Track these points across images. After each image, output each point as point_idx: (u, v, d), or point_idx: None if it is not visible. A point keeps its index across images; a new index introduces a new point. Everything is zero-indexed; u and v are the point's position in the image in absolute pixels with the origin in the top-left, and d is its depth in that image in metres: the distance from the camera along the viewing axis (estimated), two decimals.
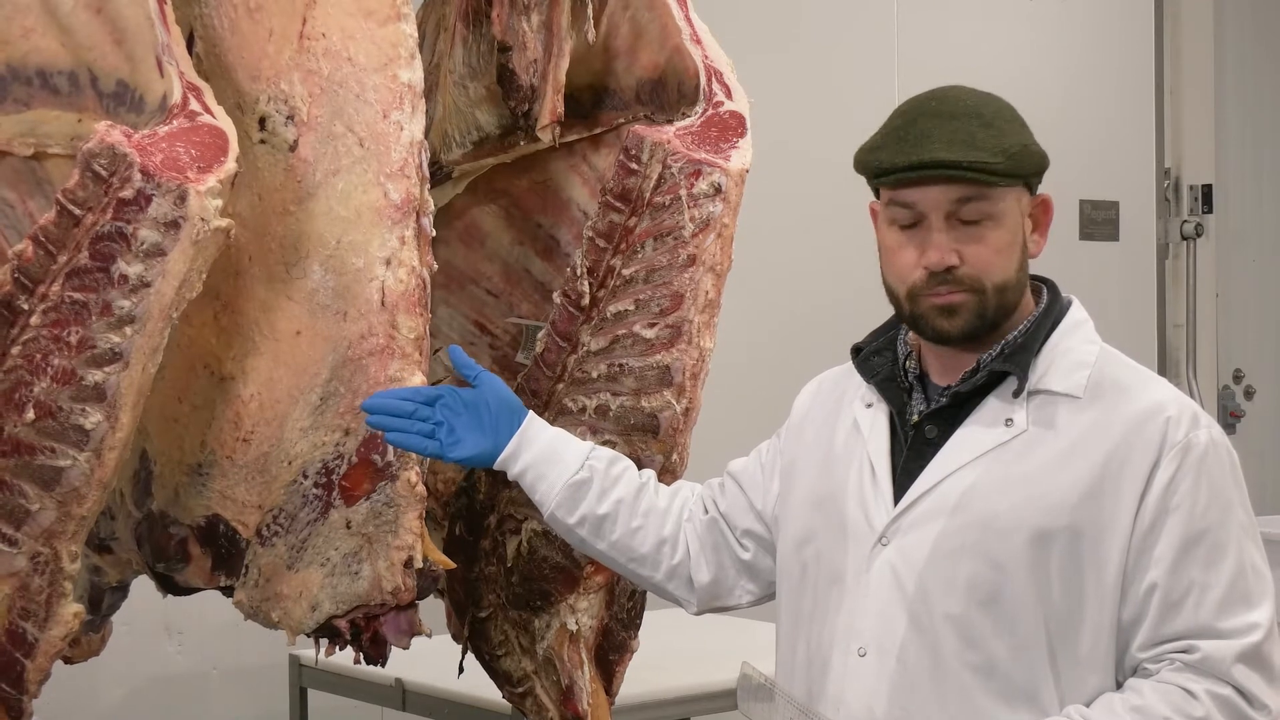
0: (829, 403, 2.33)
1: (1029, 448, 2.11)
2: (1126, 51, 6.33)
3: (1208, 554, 2.06)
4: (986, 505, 2.10)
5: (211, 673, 4.49)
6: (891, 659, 2.12)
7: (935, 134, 2.11)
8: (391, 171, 2.44)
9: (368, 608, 2.50)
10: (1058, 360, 2.15)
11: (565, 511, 2.40)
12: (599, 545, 2.42)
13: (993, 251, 2.12)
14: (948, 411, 2.18)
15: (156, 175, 2.23)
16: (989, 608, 2.09)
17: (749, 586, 2.44)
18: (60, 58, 2.42)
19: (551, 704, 2.81)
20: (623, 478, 2.42)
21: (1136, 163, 6.34)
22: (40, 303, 2.26)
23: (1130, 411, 2.10)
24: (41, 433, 2.28)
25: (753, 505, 2.41)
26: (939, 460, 2.15)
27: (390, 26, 2.47)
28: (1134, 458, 2.08)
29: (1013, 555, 2.08)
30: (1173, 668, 2.05)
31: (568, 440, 2.43)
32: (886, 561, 2.15)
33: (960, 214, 2.11)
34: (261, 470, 2.50)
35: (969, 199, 2.11)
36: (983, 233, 2.12)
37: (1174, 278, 6.53)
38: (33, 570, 2.34)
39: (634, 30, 2.79)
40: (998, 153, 2.10)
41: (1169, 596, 2.05)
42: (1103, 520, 2.07)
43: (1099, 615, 2.07)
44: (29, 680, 2.39)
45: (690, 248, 2.59)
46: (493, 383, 2.42)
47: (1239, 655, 2.03)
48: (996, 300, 2.13)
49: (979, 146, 2.10)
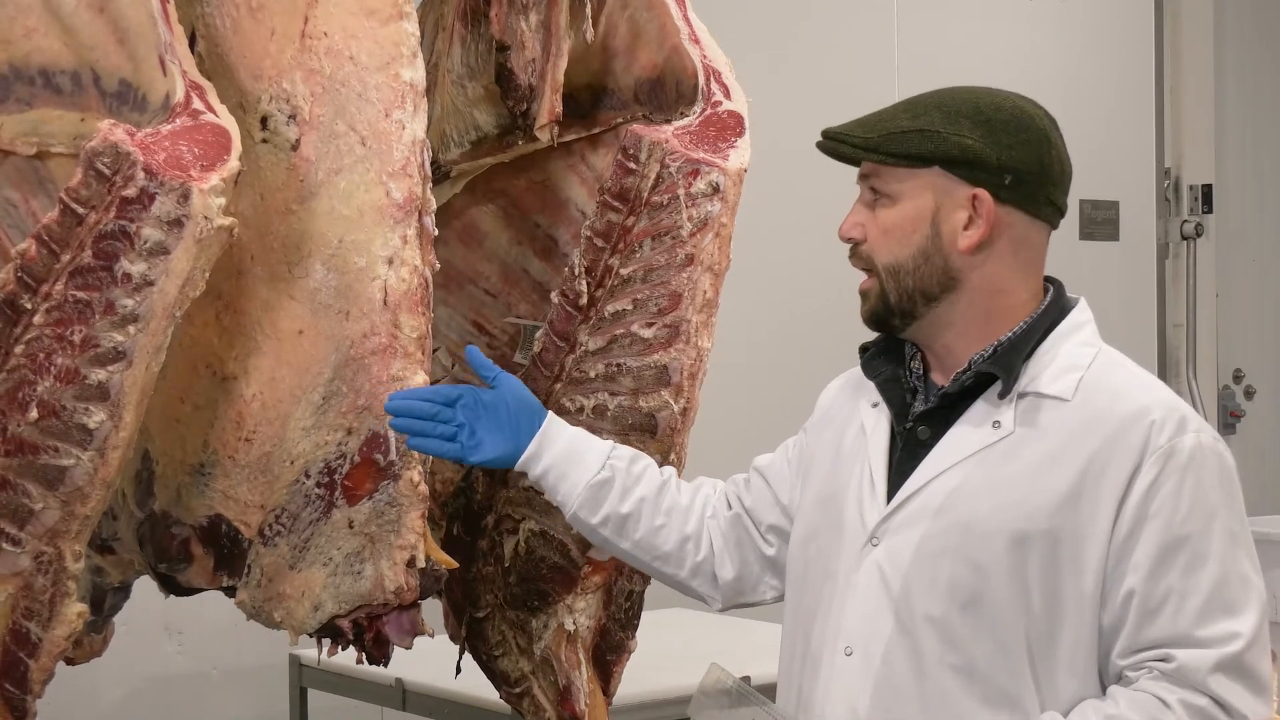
0: (847, 402, 2.33)
1: (1015, 450, 2.10)
2: (1126, 51, 6.33)
3: (1188, 561, 2.03)
4: (969, 507, 2.10)
5: (211, 673, 4.49)
6: (876, 659, 2.12)
7: (877, 113, 2.19)
8: (394, 170, 2.44)
9: (370, 607, 2.50)
10: (1051, 362, 2.14)
11: (588, 512, 2.39)
12: (623, 544, 2.41)
13: (881, 230, 2.16)
14: (939, 412, 2.17)
15: (159, 174, 2.23)
16: (970, 610, 2.08)
17: (773, 582, 2.43)
18: (63, 57, 2.42)
19: (549, 704, 2.81)
20: (644, 476, 2.41)
21: (1136, 163, 6.34)
22: (44, 302, 2.26)
23: (1115, 415, 2.08)
24: (45, 432, 2.28)
25: (779, 500, 2.40)
26: (928, 462, 2.15)
27: (392, 25, 2.48)
28: (1115, 462, 2.06)
29: (993, 558, 2.07)
30: (1150, 676, 2.03)
31: (588, 440, 2.43)
32: (874, 562, 2.15)
33: (868, 188, 2.18)
34: (264, 470, 2.50)
35: (866, 175, 2.18)
36: (879, 211, 2.17)
37: (1174, 278, 6.53)
38: (36, 570, 2.34)
39: (632, 30, 2.79)
40: (884, 133, 2.14)
41: (1146, 603, 2.03)
42: (1082, 525, 2.05)
43: (1079, 620, 2.06)
44: (33, 680, 2.40)
45: (688, 247, 2.59)
46: (511, 383, 2.42)
47: (1216, 664, 2.01)
48: (893, 284, 2.15)
49: (875, 126, 2.16)
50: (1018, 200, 2.15)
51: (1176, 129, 6.54)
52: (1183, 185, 6.55)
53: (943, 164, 2.13)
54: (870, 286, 2.18)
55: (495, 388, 2.41)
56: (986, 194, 2.13)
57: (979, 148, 2.13)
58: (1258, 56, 6.87)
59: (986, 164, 2.13)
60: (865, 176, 2.19)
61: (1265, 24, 6.90)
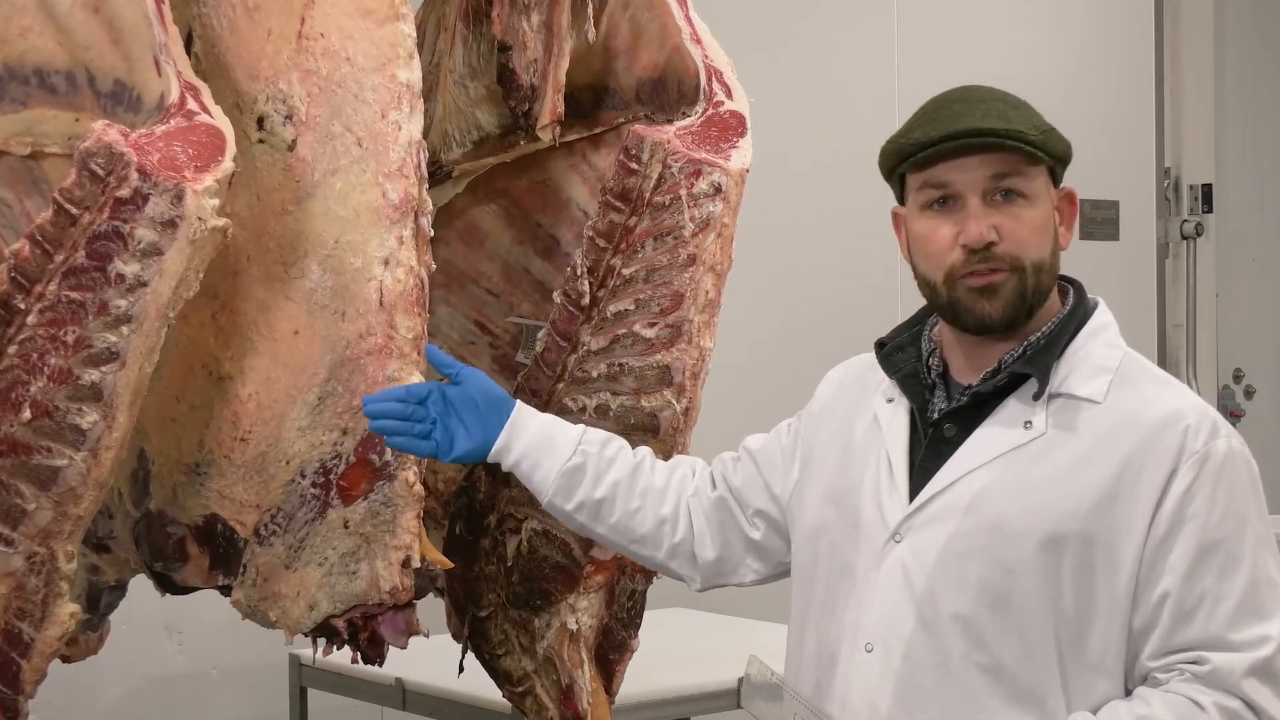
0: (851, 395, 2.33)
1: (1046, 451, 2.10)
2: (1126, 51, 6.33)
3: (1222, 564, 2.04)
4: (999, 508, 2.09)
5: (211, 673, 4.48)
6: (897, 656, 2.12)
7: (968, 112, 2.12)
8: (390, 171, 2.44)
9: (365, 607, 2.50)
10: (1081, 364, 2.14)
11: (562, 498, 2.40)
12: (599, 529, 2.43)
13: (1029, 229, 2.12)
14: (967, 411, 2.17)
15: (153, 174, 2.23)
16: (998, 610, 2.08)
17: (755, 565, 2.44)
18: (57, 57, 2.42)
19: (551, 703, 2.81)
20: (617, 459, 2.42)
21: (1136, 162, 6.34)
22: (37, 302, 2.26)
23: (1149, 419, 2.09)
24: (38, 432, 2.28)
25: (769, 487, 2.40)
26: (955, 460, 2.14)
27: (389, 26, 2.47)
28: (1151, 465, 2.06)
29: (1023, 559, 2.07)
30: (1182, 678, 2.03)
31: (559, 426, 2.43)
32: (898, 559, 2.14)
33: (997, 189, 2.11)
34: (259, 470, 2.50)
35: (1005, 174, 2.11)
36: (1019, 210, 2.12)
37: (1174, 278, 6.53)
38: (29, 570, 2.34)
39: (634, 30, 2.79)
40: (1032, 127, 2.12)
41: (1181, 606, 2.04)
42: (1117, 527, 2.05)
43: (1109, 622, 2.06)
44: (25, 681, 2.39)
45: (690, 247, 2.59)
46: (475, 377, 2.42)
47: (1250, 668, 2.02)
48: (1035, 281, 2.12)
49: (1013, 121, 2.11)
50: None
51: (1176, 129, 6.54)
52: (1183, 185, 6.54)
53: (1056, 163, 2.16)
54: (1003, 280, 2.12)
55: (460, 383, 2.41)
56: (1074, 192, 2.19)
57: (1069, 149, 2.17)
58: (1258, 56, 6.87)
59: (1068, 163, 2.18)
60: (1000, 176, 2.12)
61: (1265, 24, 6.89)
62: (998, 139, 2.10)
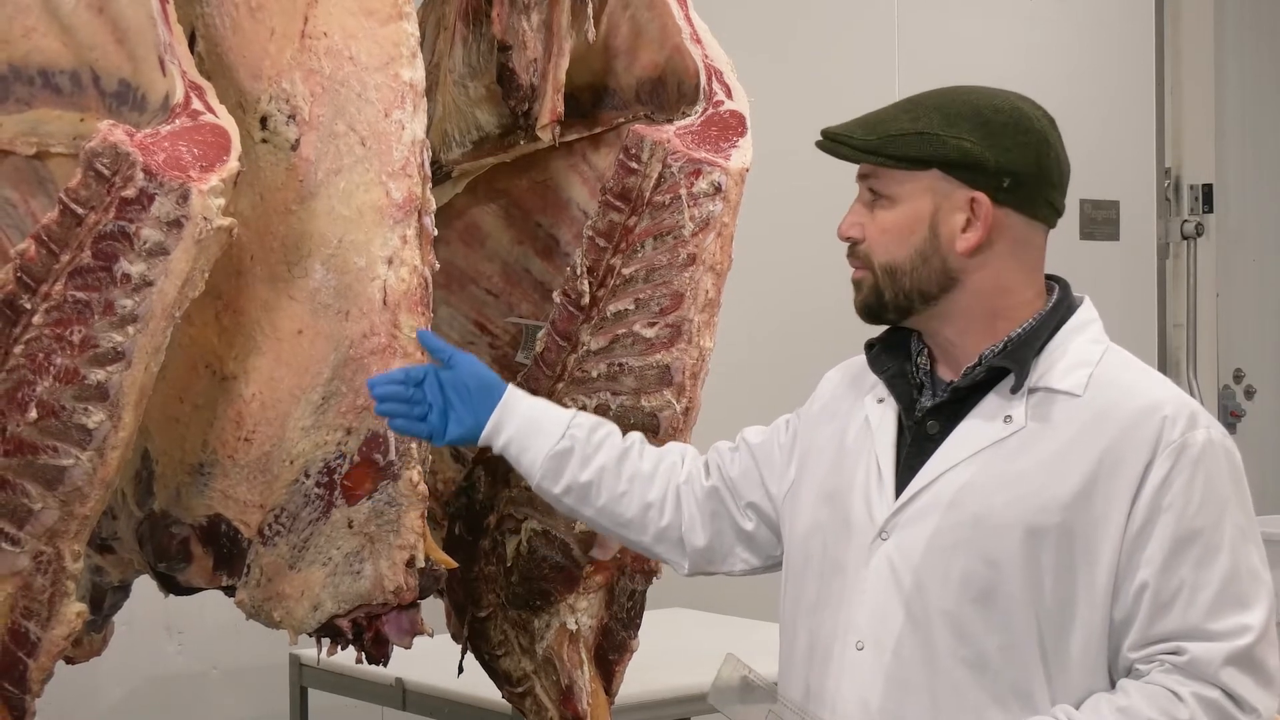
0: (848, 396, 2.34)
1: (1026, 444, 2.11)
2: (1126, 51, 6.33)
3: (1200, 555, 2.04)
4: (981, 501, 2.10)
5: (211, 673, 4.49)
6: (887, 653, 2.12)
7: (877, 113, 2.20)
8: (393, 170, 2.44)
9: (370, 607, 2.50)
10: (1061, 358, 2.15)
11: (550, 481, 2.41)
12: (586, 511, 2.43)
13: (879, 230, 2.17)
14: (950, 407, 2.18)
15: (159, 174, 2.23)
16: (982, 604, 2.08)
17: (745, 556, 2.44)
18: (62, 57, 2.42)
19: (551, 704, 2.81)
20: (605, 444, 2.42)
21: (1136, 162, 6.34)
22: (43, 302, 2.26)
23: (1127, 410, 2.09)
24: (44, 432, 2.28)
25: (764, 482, 2.40)
26: (938, 456, 2.15)
27: (392, 25, 2.48)
28: (1128, 456, 2.07)
29: (1006, 552, 2.07)
30: (1162, 669, 2.04)
31: (549, 409, 2.44)
32: (885, 556, 2.15)
33: (867, 189, 2.19)
34: (263, 470, 2.50)
35: (866, 175, 2.19)
36: (878, 212, 2.17)
37: (1174, 277, 6.53)
38: (36, 569, 2.35)
39: (634, 29, 2.79)
40: (884, 135, 2.15)
41: (1159, 596, 2.04)
42: (1095, 519, 2.06)
43: (1091, 614, 2.07)
44: (32, 679, 2.40)
45: (690, 247, 2.59)
46: (468, 361, 2.43)
47: (1228, 657, 2.02)
48: (889, 282, 2.17)
49: (876, 127, 2.17)
50: (1016, 202, 2.15)
51: (1176, 129, 6.54)
52: (1183, 185, 6.55)
53: (942, 167, 2.14)
54: (863, 277, 2.20)
55: (452, 368, 2.42)
56: (985, 197, 2.13)
57: (978, 151, 2.13)
58: (1258, 56, 6.87)
59: (985, 167, 2.13)
60: (864, 177, 2.19)
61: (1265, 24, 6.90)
62: (832, 143, 2.19)
